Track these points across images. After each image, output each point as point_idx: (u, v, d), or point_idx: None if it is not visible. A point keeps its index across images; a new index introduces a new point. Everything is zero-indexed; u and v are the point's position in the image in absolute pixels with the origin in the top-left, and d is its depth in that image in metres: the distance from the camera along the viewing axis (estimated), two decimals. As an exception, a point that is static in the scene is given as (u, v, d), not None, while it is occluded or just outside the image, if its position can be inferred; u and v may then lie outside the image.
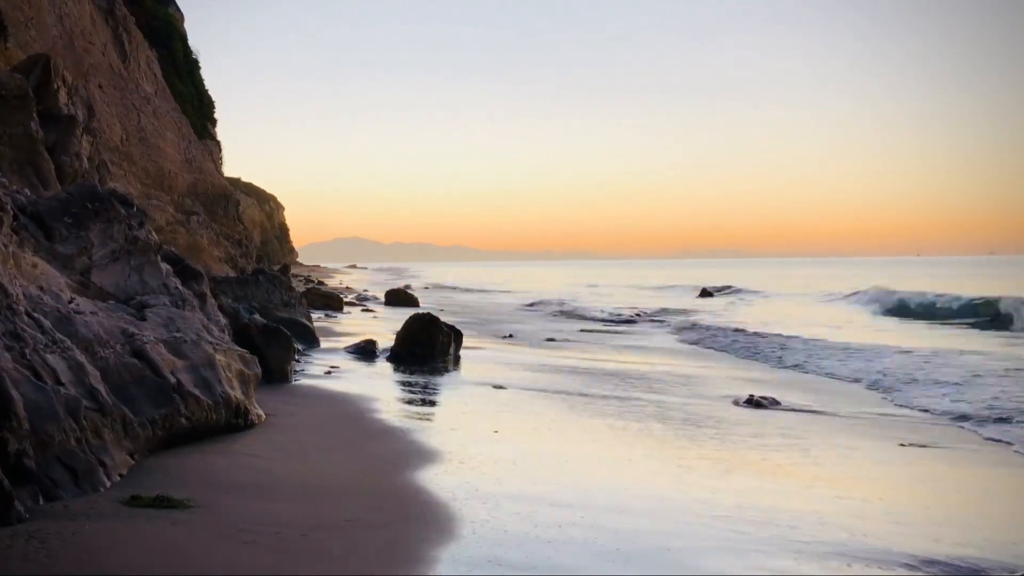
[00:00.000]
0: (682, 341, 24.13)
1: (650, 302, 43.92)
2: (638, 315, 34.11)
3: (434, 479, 6.78)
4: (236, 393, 7.89)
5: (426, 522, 5.54)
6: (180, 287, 8.68)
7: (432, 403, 11.50)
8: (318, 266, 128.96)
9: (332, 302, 30.07)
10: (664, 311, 36.81)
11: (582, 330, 26.53)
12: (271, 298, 18.64)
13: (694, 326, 28.17)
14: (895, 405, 12.85)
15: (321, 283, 50.53)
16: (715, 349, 21.75)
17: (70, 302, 6.75)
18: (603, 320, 32.02)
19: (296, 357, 13.19)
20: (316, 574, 4.40)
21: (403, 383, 13.05)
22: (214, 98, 43.26)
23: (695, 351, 21.33)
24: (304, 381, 12.07)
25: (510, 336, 22.71)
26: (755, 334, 24.27)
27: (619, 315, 34.09)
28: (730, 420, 10.76)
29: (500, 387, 12.77)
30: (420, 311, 18.32)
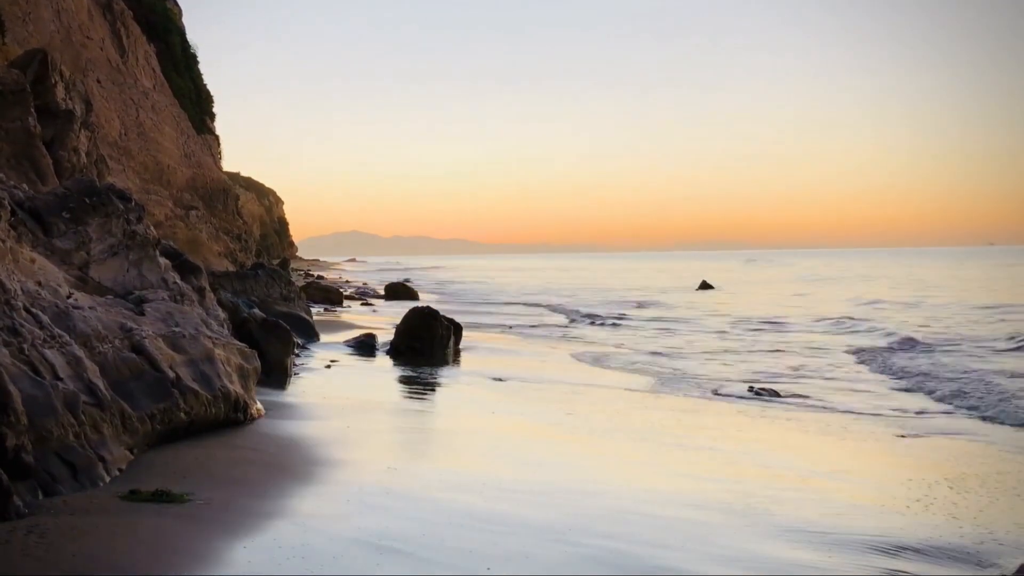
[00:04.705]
0: None
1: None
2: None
3: (432, 474, 6.79)
4: (235, 387, 7.89)
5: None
6: (179, 282, 8.68)
7: (430, 399, 11.50)
8: (317, 260, 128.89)
9: (331, 296, 30.07)
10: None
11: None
12: (270, 292, 18.64)
13: None
14: None
15: (320, 277, 50.52)
16: None
17: (68, 297, 6.75)
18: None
19: (296, 351, 13.20)
20: (314, 571, 4.41)
21: (402, 377, 13.05)
22: (212, 92, 43.20)
23: None
24: (304, 375, 12.08)
25: (509, 329, 22.73)
26: None
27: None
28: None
29: (499, 379, 12.79)
30: (419, 304, 18.32)
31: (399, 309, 22.01)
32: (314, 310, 21.86)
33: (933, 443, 9.40)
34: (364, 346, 16.12)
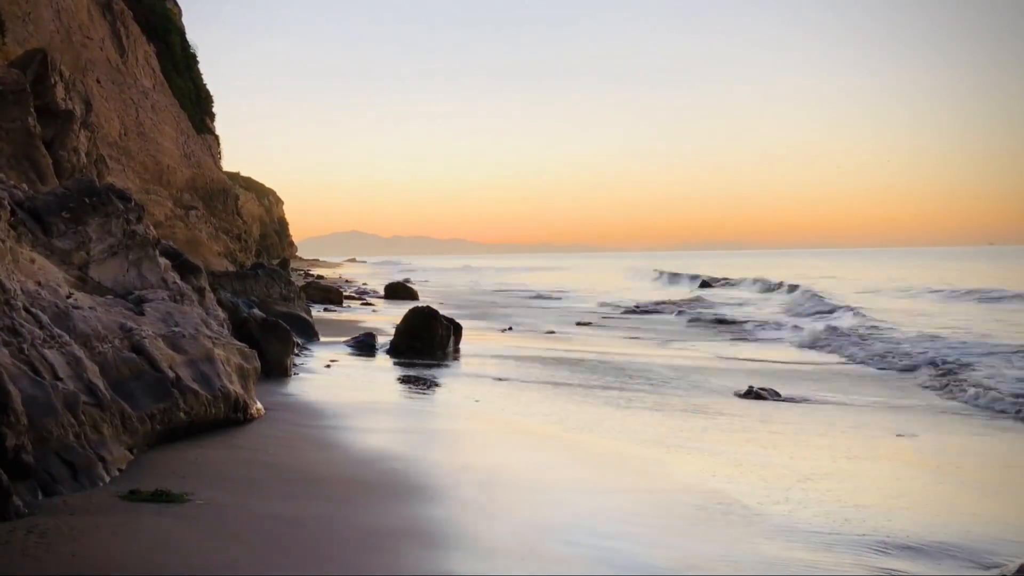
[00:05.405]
0: None
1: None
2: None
3: (433, 474, 6.79)
4: (235, 387, 7.89)
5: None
6: (179, 281, 8.68)
7: (430, 399, 11.50)
8: (317, 260, 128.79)
9: (331, 296, 30.08)
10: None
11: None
12: (270, 292, 18.65)
13: None
14: None
15: (320, 277, 50.57)
16: None
17: (68, 297, 6.75)
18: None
19: (295, 351, 13.20)
20: (314, 572, 4.41)
21: (402, 377, 13.05)
22: (212, 93, 43.16)
23: None
24: (304, 375, 12.08)
25: (509, 329, 22.73)
26: None
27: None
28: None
29: (500, 379, 12.79)
30: (419, 304, 18.32)
31: (399, 309, 22.01)
32: (314, 310, 21.86)
33: (932, 441, 9.40)
34: (364, 346, 16.11)
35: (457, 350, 16.46)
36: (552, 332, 22.41)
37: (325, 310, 25.66)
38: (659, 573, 4.79)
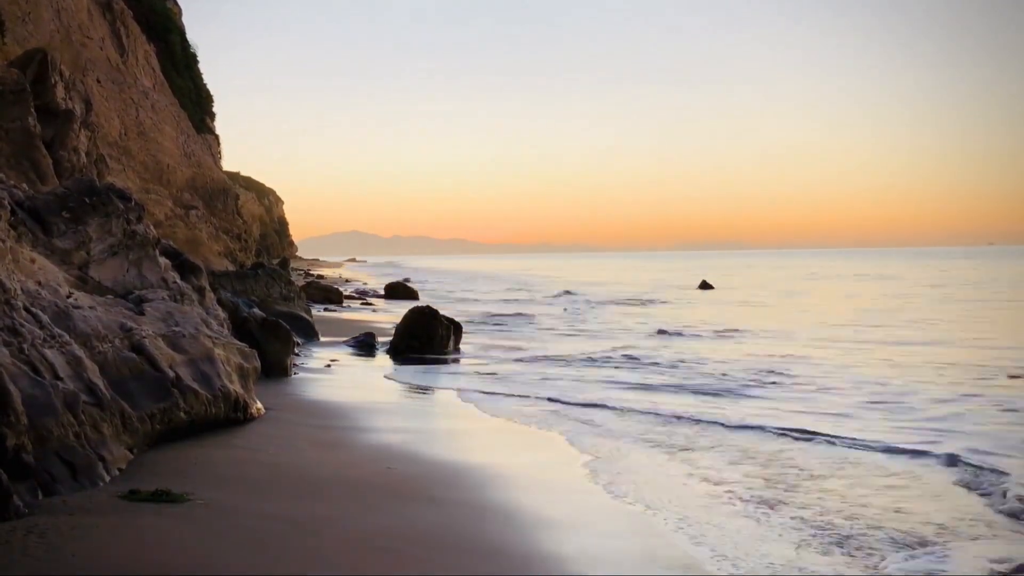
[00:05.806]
0: None
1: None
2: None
3: (433, 474, 6.78)
4: (235, 387, 7.89)
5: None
6: (179, 281, 8.67)
7: (430, 398, 11.50)
8: (317, 260, 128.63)
9: (331, 296, 30.09)
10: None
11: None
12: (270, 292, 18.66)
13: None
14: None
15: (321, 277, 50.57)
16: None
17: (68, 297, 6.74)
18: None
19: (295, 351, 13.20)
20: (314, 572, 4.40)
21: (402, 377, 13.04)
22: (212, 92, 43.10)
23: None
24: (304, 374, 12.08)
25: (509, 329, 22.73)
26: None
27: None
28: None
29: (499, 379, 12.78)
30: (419, 304, 18.32)
31: (399, 309, 22.02)
32: (314, 309, 21.86)
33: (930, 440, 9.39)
34: (364, 345, 16.12)
35: (457, 349, 16.46)
36: (551, 329, 22.41)
37: (325, 310, 25.66)
38: (659, 572, 4.79)
